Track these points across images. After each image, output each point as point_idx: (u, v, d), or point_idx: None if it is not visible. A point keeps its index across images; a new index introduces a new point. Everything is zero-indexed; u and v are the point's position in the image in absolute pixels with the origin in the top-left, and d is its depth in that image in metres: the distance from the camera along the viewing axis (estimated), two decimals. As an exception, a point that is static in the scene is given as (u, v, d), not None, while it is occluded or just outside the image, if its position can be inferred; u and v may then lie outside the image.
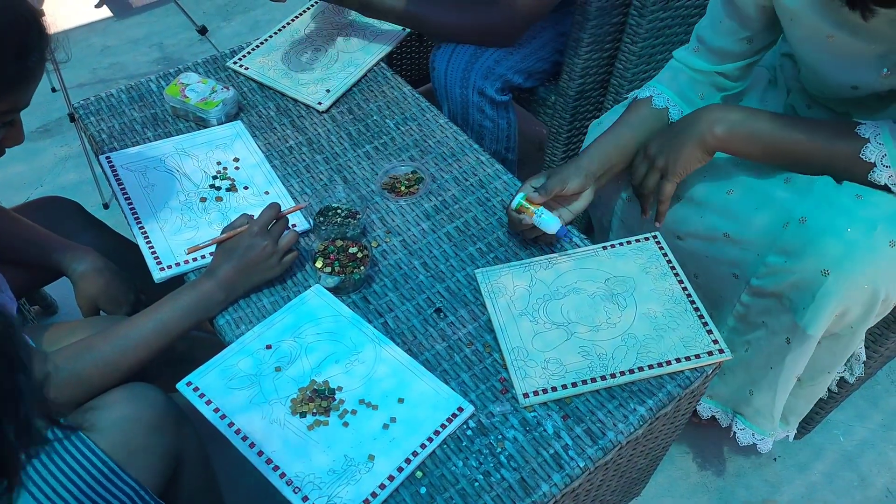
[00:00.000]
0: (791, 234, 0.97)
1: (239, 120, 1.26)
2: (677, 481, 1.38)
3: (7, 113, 0.83)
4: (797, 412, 1.20)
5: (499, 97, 1.41)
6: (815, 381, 1.13)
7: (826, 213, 0.95)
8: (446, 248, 1.08)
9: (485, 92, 1.39)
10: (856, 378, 1.19)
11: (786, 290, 0.99)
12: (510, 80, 1.42)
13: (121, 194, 1.11)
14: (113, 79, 2.24)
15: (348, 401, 0.88)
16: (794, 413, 1.20)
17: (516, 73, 1.43)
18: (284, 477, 0.82)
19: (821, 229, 0.94)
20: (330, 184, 1.16)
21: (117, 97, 1.29)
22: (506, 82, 1.42)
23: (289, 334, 0.95)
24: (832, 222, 0.94)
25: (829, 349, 1.06)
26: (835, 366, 1.09)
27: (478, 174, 1.19)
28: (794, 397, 1.16)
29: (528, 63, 1.44)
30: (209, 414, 0.87)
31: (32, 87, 0.84)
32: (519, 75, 1.43)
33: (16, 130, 0.87)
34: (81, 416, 0.88)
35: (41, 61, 0.83)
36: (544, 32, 1.45)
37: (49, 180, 1.95)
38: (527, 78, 1.46)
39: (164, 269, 1.02)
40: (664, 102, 1.11)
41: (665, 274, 1.01)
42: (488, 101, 1.41)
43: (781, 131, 0.98)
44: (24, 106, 0.84)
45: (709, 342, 0.93)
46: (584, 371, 0.91)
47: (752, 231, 1.02)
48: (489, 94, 1.39)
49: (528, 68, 1.45)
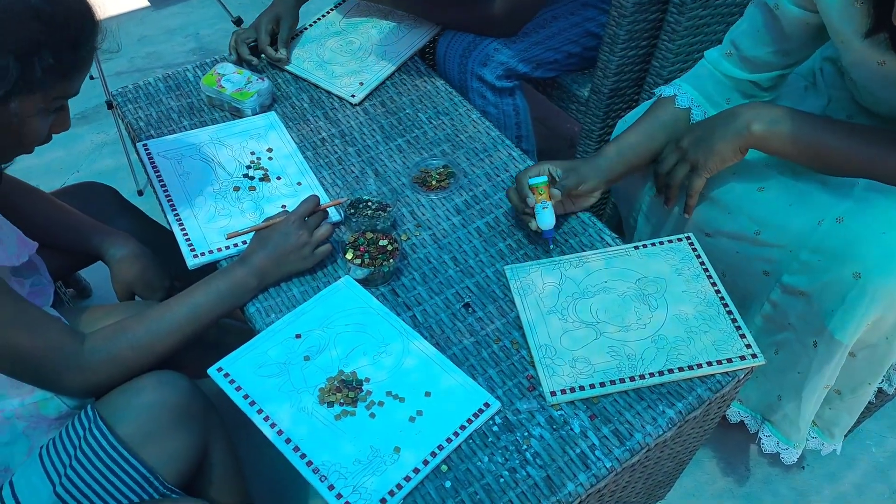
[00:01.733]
0: (826, 231, 0.95)
1: (273, 111, 1.27)
2: (703, 486, 1.36)
3: (58, 99, 0.85)
4: (841, 425, 1.17)
5: (499, 83, 1.41)
6: (856, 393, 1.10)
7: (864, 215, 0.93)
8: (476, 243, 1.08)
9: (483, 78, 1.40)
10: (894, 388, 1.16)
11: (816, 290, 0.96)
12: (513, 67, 1.42)
13: (157, 181, 1.13)
14: (150, 68, 2.27)
15: (375, 392, 0.89)
16: (838, 425, 1.17)
17: (521, 61, 1.42)
18: (311, 465, 0.82)
19: (857, 230, 0.92)
20: (361, 176, 1.17)
21: (154, 86, 1.30)
22: (508, 70, 1.42)
23: (318, 324, 0.95)
24: (870, 225, 0.92)
25: (867, 360, 1.03)
26: (875, 377, 1.07)
27: (509, 170, 1.18)
28: (835, 410, 1.14)
29: (534, 52, 1.44)
30: (238, 400, 0.88)
31: (83, 75, 0.86)
32: (524, 64, 1.43)
33: (63, 117, 0.89)
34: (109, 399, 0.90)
35: (93, 51, 0.86)
36: (555, 23, 1.45)
37: (85, 166, 1.99)
38: (535, 67, 1.46)
39: (197, 255, 1.03)
40: (688, 102, 1.10)
41: (698, 275, 1.00)
42: (488, 87, 1.41)
43: (822, 133, 0.96)
44: (74, 94, 0.86)
45: (742, 346, 0.92)
46: (613, 371, 0.90)
47: (785, 228, 1.00)
48: (488, 79, 1.40)
49: (536, 57, 1.44)
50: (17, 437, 0.89)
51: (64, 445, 0.86)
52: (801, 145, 0.97)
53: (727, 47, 1.09)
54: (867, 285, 0.90)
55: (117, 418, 0.87)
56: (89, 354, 0.87)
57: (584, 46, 1.49)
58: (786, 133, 0.97)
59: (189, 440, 0.92)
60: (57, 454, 0.86)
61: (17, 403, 0.89)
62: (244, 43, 1.32)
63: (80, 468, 0.84)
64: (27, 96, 0.80)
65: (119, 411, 0.88)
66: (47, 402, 0.91)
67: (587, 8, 1.46)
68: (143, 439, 0.87)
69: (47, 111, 0.85)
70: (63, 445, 0.86)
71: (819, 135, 0.96)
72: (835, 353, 0.99)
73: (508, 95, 1.45)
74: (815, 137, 0.96)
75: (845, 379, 1.06)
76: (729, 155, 1.01)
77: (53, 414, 0.91)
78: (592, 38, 1.48)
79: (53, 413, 0.91)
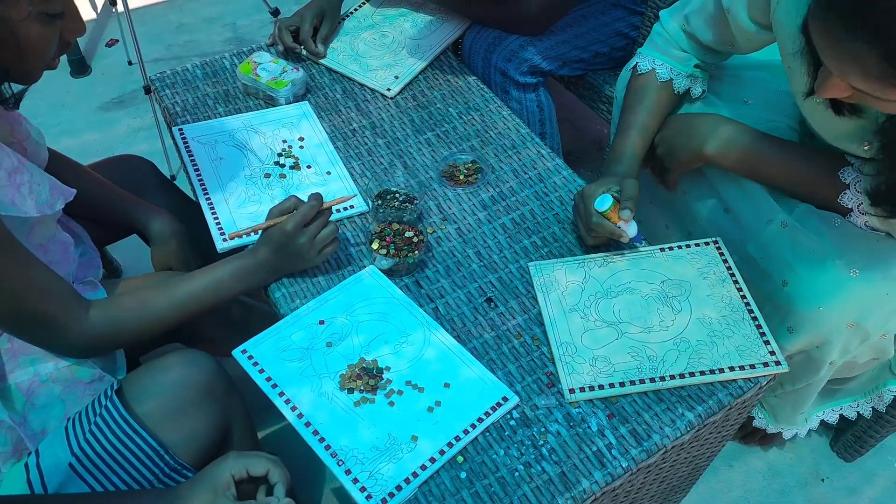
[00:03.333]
0: (773, 232, 1.03)
1: (306, 100, 1.28)
2: (718, 493, 1.35)
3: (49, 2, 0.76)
4: (783, 414, 1.23)
5: (523, 79, 1.41)
6: (795, 387, 1.15)
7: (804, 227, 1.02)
8: (501, 239, 1.08)
9: (507, 73, 1.40)
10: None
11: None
12: (538, 65, 1.42)
13: (190, 165, 1.15)
14: (187, 56, 2.31)
15: (395, 381, 0.90)
16: (782, 415, 1.23)
17: (546, 59, 1.43)
18: (329, 449, 0.84)
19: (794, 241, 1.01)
20: (390, 168, 1.18)
21: (192, 72, 1.33)
22: (533, 67, 1.42)
23: (341, 312, 0.97)
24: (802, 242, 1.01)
25: (802, 363, 1.08)
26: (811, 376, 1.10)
27: (537, 168, 1.18)
28: (780, 399, 1.20)
29: (561, 50, 1.44)
30: (261, 382, 0.89)
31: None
32: (550, 62, 1.44)
33: (71, 20, 0.81)
34: (135, 376, 0.92)
35: None
36: (585, 22, 1.45)
37: (120, 150, 2.02)
38: (561, 65, 1.46)
39: (226, 239, 1.05)
40: (668, 73, 1.11)
41: (723, 280, 0.99)
42: (512, 82, 1.42)
43: (770, 157, 1.01)
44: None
45: (765, 353, 0.91)
46: (633, 372, 0.90)
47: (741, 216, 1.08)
48: (512, 75, 1.40)
49: (562, 55, 1.44)
50: (54, 401, 0.91)
51: (87, 418, 0.88)
52: (748, 167, 1.04)
53: (681, 19, 1.10)
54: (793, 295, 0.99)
55: (142, 395, 0.90)
56: (94, 319, 0.88)
57: (612, 46, 1.48)
58: (736, 156, 1.04)
59: (211, 419, 0.94)
60: (80, 426, 0.88)
61: (52, 367, 0.91)
62: (287, 30, 1.34)
63: (95, 440, 0.86)
64: None
65: (144, 388, 0.90)
66: (81, 366, 0.93)
67: (617, 8, 1.45)
68: (166, 416, 0.89)
69: (44, 15, 0.77)
70: (86, 418, 0.88)
71: (767, 159, 1.02)
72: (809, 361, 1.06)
73: (532, 91, 1.45)
74: (763, 162, 1.02)
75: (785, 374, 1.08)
76: (691, 164, 1.10)
77: (87, 377, 0.93)
78: (621, 38, 1.48)
79: (87, 377, 0.93)
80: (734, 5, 0.98)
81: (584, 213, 1.00)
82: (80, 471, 0.85)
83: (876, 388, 1.20)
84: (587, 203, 0.99)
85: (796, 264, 0.99)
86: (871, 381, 1.19)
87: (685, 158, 1.08)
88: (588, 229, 1.00)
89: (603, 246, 1.05)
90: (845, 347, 1.02)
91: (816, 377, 1.09)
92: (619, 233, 0.98)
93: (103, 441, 0.86)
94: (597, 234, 1.00)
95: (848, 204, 0.96)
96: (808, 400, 1.17)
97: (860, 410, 1.23)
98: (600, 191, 0.99)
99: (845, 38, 0.69)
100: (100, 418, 0.87)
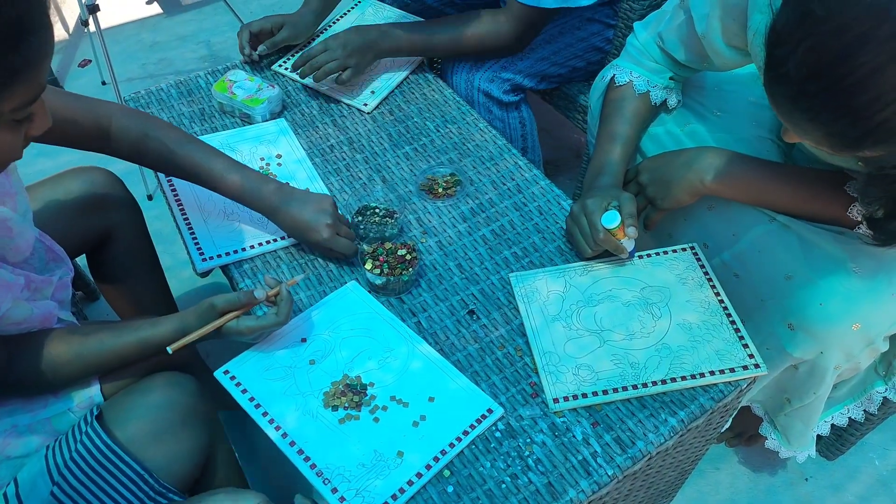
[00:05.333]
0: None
1: (283, 117, 1.28)
2: (706, 496, 1.36)
3: (15, 111, 0.68)
4: (794, 432, 1.19)
5: (505, 98, 1.43)
6: (804, 401, 1.12)
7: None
8: (481, 250, 1.08)
9: (491, 94, 1.41)
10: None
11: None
12: (519, 83, 1.44)
13: (167, 186, 1.14)
14: (161, 74, 2.30)
15: (380, 397, 0.90)
16: (792, 433, 1.19)
17: (526, 76, 1.45)
18: (315, 468, 0.83)
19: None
20: (369, 183, 1.18)
21: (167, 91, 1.32)
22: (514, 85, 1.44)
23: (324, 328, 0.96)
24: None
25: (808, 373, 1.06)
26: (818, 387, 1.08)
27: (515, 178, 1.19)
28: (789, 417, 1.16)
29: (540, 67, 1.46)
30: (244, 402, 0.89)
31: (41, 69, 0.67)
32: (530, 79, 1.46)
33: (40, 117, 0.73)
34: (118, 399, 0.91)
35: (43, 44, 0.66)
36: (561, 38, 1.47)
37: (96, 170, 2.00)
38: (540, 81, 1.48)
39: (205, 259, 1.04)
40: (645, 85, 1.12)
41: (701, 285, 1.00)
42: (495, 102, 1.43)
43: (773, 180, 1.00)
44: (40, 91, 0.69)
45: (744, 356, 0.92)
46: (616, 379, 0.91)
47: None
48: (495, 95, 1.41)
49: (542, 72, 1.46)
50: (31, 453, 0.89)
51: (67, 445, 0.87)
52: (750, 195, 1.02)
53: (654, 35, 1.11)
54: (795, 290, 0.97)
55: (125, 418, 0.88)
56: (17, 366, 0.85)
57: (588, 61, 1.51)
58: (736, 184, 1.01)
59: (195, 441, 0.93)
60: (61, 454, 0.86)
61: (28, 419, 0.89)
62: (247, 30, 1.34)
63: (75, 467, 0.84)
64: None
65: (127, 411, 0.89)
66: (60, 417, 0.91)
67: (592, 23, 1.47)
68: (149, 439, 0.88)
69: (13, 121, 0.69)
70: (66, 445, 0.87)
71: (768, 185, 1.00)
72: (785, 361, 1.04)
73: (515, 109, 1.47)
74: (764, 189, 1.00)
75: (793, 388, 1.09)
76: (685, 199, 1.06)
77: (66, 429, 0.90)
78: (597, 53, 1.50)
79: (66, 428, 0.91)
80: (710, 33, 0.99)
81: (589, 228, 1.00)
82: (62, 498, 0.84)
83: (864, 391, 1.19)
84: (593, 219, 0.99)
85: (796, 262, 0.97)
86: (859, 384, 1.19)
87: (682, 194, 1.05)
88: (593, 244, 1.01)
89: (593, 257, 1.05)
90: (849, 352, 1.00)
91: (822, 386, 1.07)
92: (622, 248, 0.99)
93: (85, 468, 0.84)
94: (598, 249, 1.01)
95: (857, 217, 0.95)
96: (817, 414, 1.15)
97: (852, 416, 1.21)
98: (604, 206, 0.99)
99: (793, 110, 0.73)
100: (81, 445, 0.85)
